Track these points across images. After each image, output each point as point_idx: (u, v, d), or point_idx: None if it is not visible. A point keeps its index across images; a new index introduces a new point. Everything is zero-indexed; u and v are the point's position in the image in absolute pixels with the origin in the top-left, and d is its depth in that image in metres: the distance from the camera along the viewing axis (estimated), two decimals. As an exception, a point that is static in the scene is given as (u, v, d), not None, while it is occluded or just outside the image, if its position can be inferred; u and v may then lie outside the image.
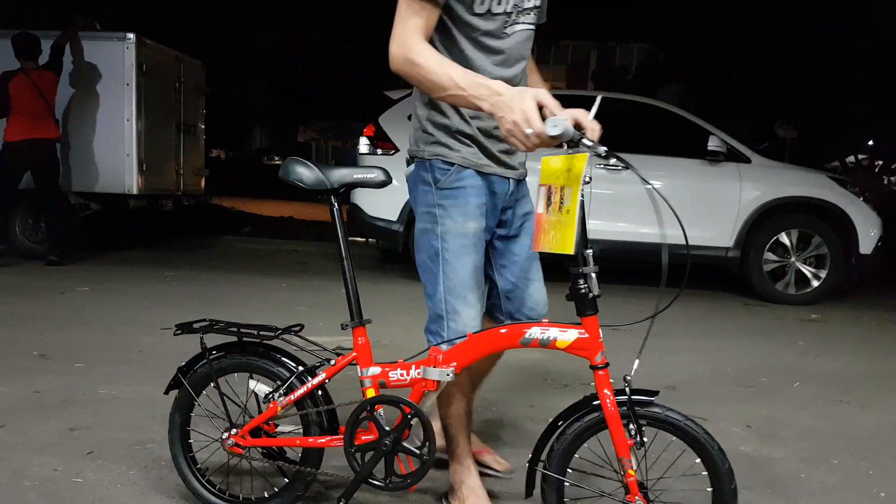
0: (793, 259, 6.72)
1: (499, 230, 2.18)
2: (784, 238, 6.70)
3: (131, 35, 7.29)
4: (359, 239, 9.81)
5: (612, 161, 6.39)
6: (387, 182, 2.01)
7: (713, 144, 6.54)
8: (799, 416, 3.37)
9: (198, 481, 2.15)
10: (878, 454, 2.92)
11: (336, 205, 2.00)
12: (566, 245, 1.71)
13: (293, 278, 6.88)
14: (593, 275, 1.77)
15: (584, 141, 1.69)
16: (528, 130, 1.61)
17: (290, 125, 34.79)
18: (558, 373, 3.86)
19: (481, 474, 2.31)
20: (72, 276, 6.37)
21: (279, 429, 2.13)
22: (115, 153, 7.36)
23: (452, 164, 2.00)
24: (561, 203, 1.74)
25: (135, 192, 7.45)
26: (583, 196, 1.68)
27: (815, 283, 6.70)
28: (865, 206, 6.75)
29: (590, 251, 1.77)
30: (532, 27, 2.01)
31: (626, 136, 6.87)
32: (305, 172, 1.97)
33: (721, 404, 3.47)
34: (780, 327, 5.54)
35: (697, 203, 6.61)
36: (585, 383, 3.62)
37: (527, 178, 2.21)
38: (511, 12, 1.92)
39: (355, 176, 1.99)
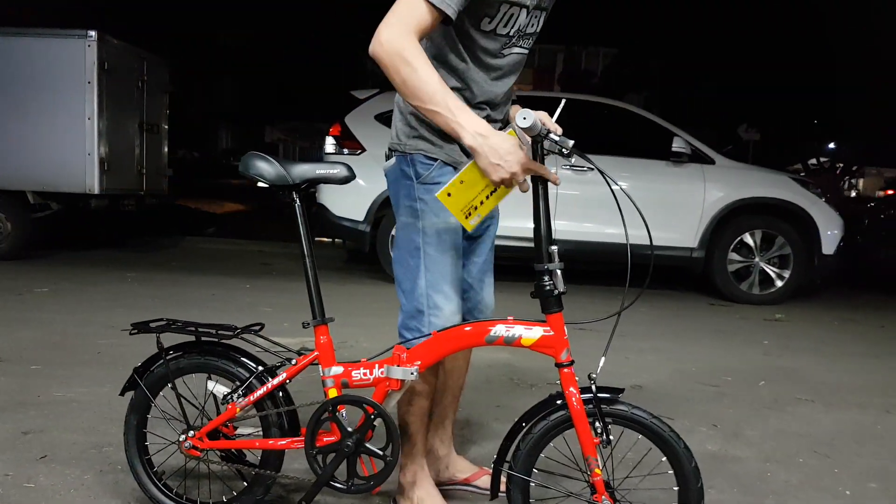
0: (757, 259, 6.80)
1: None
2: (748, 238, 6.77)
3: (93, 32, 7.14)
4: (325, 239, 9.72)
5: (574, 160, 6.43)
6: (350, 178, 1.97)
7: (677, 146, 6.60)
8: (764, 415, 3.39)
9: (154, 485, 2.08)
10: (841, 452, 2.94)
11: (298, 201, 1.96)
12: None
13: (257, 279, 6.78)
14: (558, 272, 1.75)
15: (552, 136, 1.67)
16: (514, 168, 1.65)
17: (256, 125, 34.52)
18: (525, 372, 3.84)
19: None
20: (31, 276, 6.20)
21: (238, 431, 2.07)
22: (75, 152, 7.19)
23: (435, 160, 1.96)
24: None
25: (96, 191, 7.29)
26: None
27: (779, 283, 6.79)
28: (827, 207, 6.86)
29: (554, 248, 1.75)
30: (526, 52, 2.00)
31: (591, 138, 6.88)
32: (266, 167, 1.92)
33: (687, 403, 3.48)
34: (745, 327, 5.59)
35: (662, 204, 6.67)
36: (552, 383, 3.61)
37: None
38: (513, 36, 1.90)
39: (317, 171, 1.95)
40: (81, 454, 2.52)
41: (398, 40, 1.66)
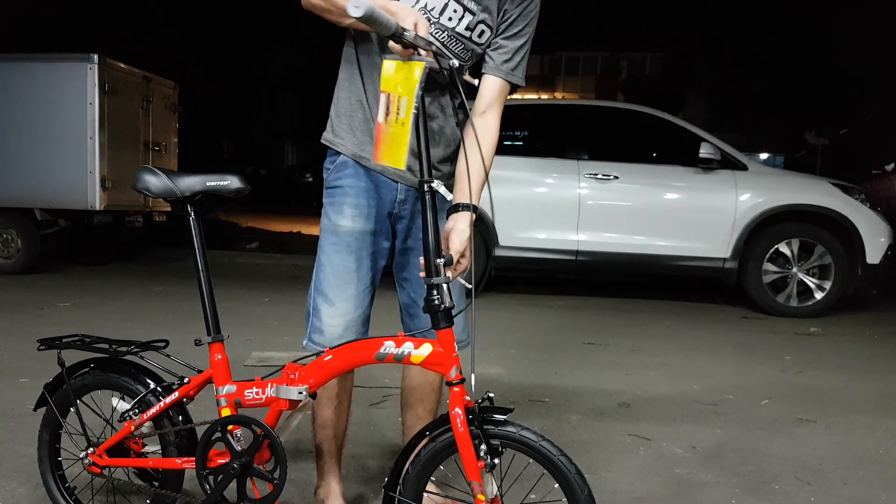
0: (794, 270, 6.44)
1: (396, 241, 2.09)
2: (784, 248, 6.43)
3: (94, 56, 7.40)
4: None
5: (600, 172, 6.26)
6: (243, 190, 1.92)
7: (705, 151, 6.33)
8: (754, 436, 3.16)
9: (64, 500, 2.08)
10: (826, 478, 2.71)
11: (192, 214, 1.92)
12: (398, 159, 1.61)
13: (280, 292, 6.84)
14: (445, 286, 1.67)
15: (406, 35, 1.55)
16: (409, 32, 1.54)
17: (318, 140, 35.30)
18: (508, 388, 3.71)
19: None
20: (55, 290, 6.42)
21: (146, 448, 2.04)
22: (77, 170, 7.45)
23: (338, 154, 1.96)
24: (397, 114, 1.62)
25: (97, 208, 7.51)
26: (417, 109, 1.58)
27: (819, 295, 6.41)
28: (872, 214, 6.46)
29: (441, 261, 1.67)
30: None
31: (616, 145, 6.71)
32: (153, 180, 1.89)
33: (672, 423, 3.28)
34: (769, 341, 5.28)
35: (691, 212, 6.46)
36: (536, 400, 3.48)
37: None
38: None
39: (208, 183, 1.91)
40: (24, 467, 2.54)
41: None
